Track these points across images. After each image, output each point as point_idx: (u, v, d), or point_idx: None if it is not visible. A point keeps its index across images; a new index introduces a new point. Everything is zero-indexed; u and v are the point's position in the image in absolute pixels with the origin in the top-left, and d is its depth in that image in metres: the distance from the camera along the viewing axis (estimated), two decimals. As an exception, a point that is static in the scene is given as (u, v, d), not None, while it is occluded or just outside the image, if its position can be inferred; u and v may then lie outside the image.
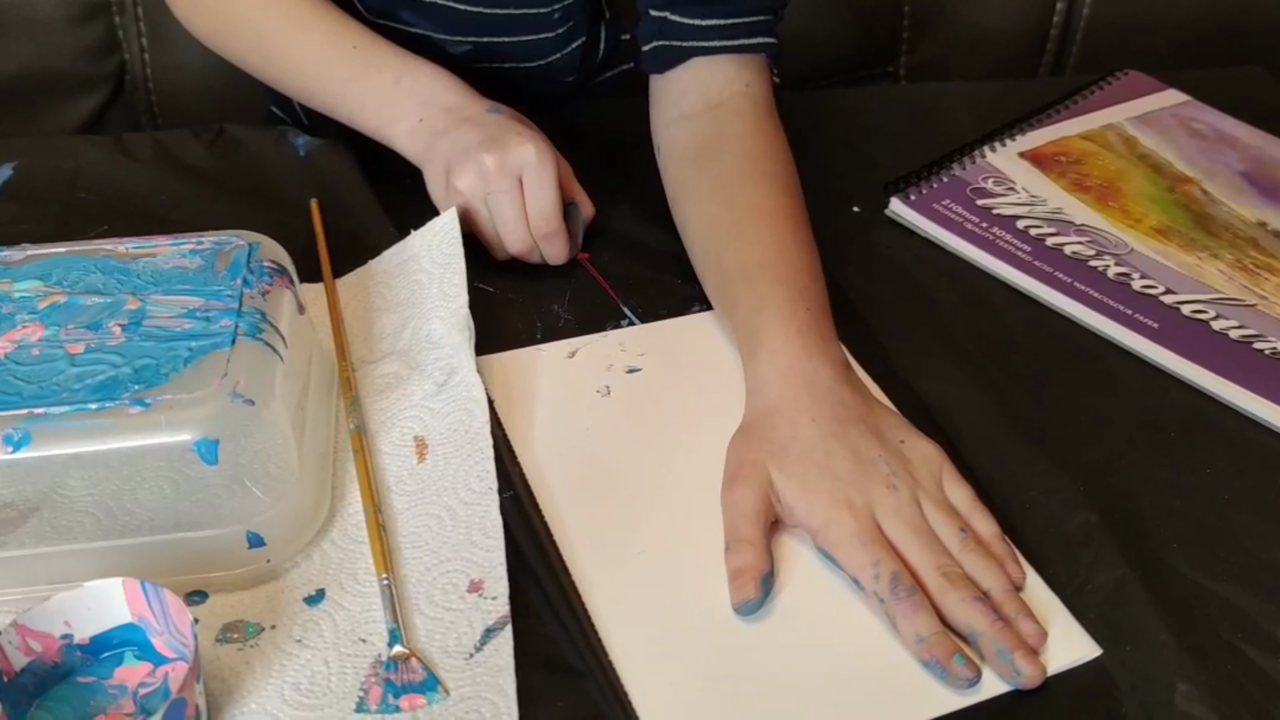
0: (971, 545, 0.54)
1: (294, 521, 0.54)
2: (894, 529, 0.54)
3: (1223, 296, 0.70)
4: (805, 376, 0.59)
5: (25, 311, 0.53)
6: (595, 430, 0.61)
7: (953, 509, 0.56)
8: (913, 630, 0.51)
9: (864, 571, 0.53)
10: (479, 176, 0.68)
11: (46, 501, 0.49)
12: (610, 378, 0.63)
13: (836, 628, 0.52)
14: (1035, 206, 0.76)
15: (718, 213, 0.68)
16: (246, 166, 0.79)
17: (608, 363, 0.64)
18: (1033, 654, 0.50)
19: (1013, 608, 0.52)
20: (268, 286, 0.55)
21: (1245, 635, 0.52)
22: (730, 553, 0.54)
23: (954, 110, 0.88)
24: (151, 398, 0.49)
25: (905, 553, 0.54)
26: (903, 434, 0.58)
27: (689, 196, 0.71)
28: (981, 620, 0.51)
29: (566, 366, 0.64)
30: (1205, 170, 0.80)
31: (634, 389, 0.63)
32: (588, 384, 0.63)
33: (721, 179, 0.69)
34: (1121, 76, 0.90)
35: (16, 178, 0.77)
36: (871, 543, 0.53)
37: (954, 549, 0.54)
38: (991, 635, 0.51)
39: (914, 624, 0.51)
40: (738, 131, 0.71)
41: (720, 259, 0.66)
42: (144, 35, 1.07)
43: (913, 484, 0.56)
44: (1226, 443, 0.62)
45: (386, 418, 0.60)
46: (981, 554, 0.54)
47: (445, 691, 0.49)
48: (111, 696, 0.48)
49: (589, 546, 0.55)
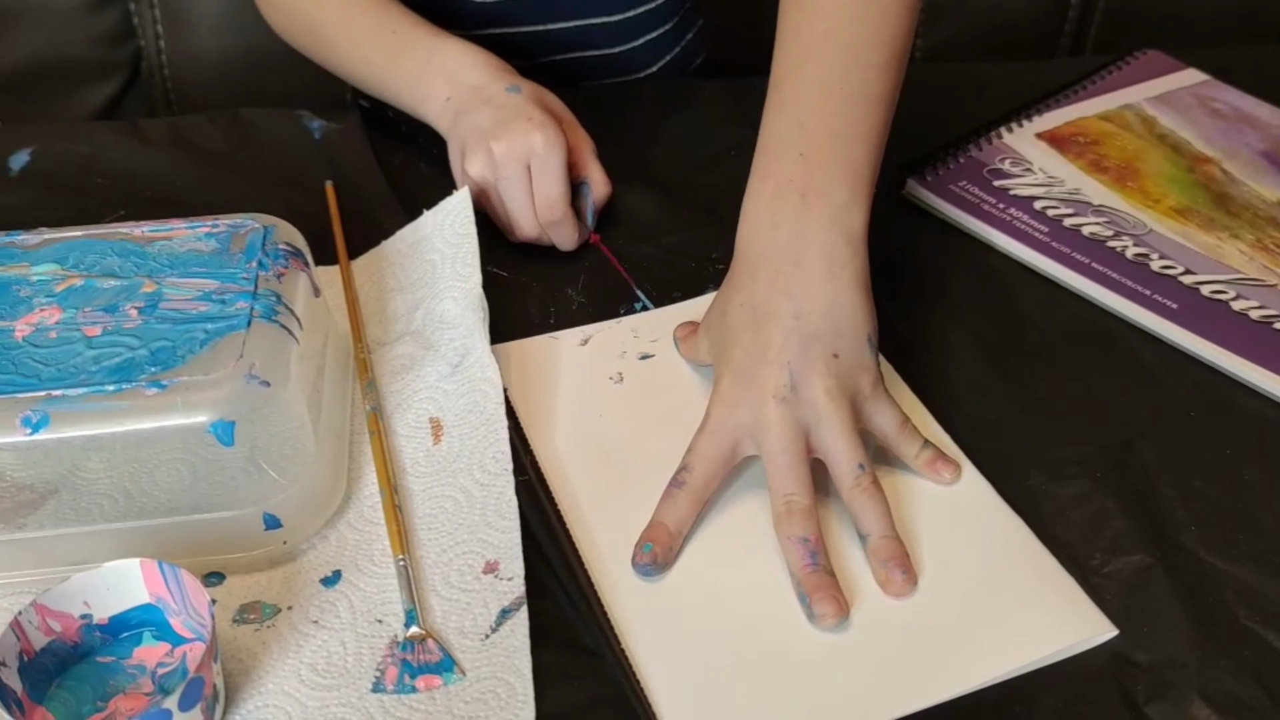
0: (864, 484, 0.54)
1: (310, 503, 0.54)
2: (762, 440, 0.55)
3: (1243, 277, 0.69)
4: (758, 251, 0.57)
5: (43, 295, 0.54)
6: (609, 417, 0.60)
7: (857, 440, 0.55)
8: (657, 509, 0.54)
9: (689, 457, 0.55)
10: (488, 162, 0.68)
11: (65, 483, 0.49)
12: (623, 364, 0.63)
13: (853, 611, 0.52)
14: (1053, 187, 0.76)
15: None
16: (261, 150, 0.79)
17: (620, 349, 0.64)
18: (833, 598, 0.51)
19: (886, 554, 0.53)
20: (283, 269, 0.55)
21: (1264, 619, 0.52)
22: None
23: (971, 91, 0.87)
24: (168, 380, 0.49)
25: (766, 467, 0.54)
26: (845, 344, 0.55)
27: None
28: (794, 561, 0.52)
29: (579, 354, 0.64)
30: (1225, 150, 0.80)
31: (646, 375, 0.63)
32: (600, 371, 0.63)
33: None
34: (1140, 56, 0.90)
35: (34, 163, 0.77)
36: (709, 435, 0.55)
37: (844, 484, 0.54)
38: (799, 579, 0.52)
39: (660, 506, 0.54)
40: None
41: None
42: (159, 22, 1.07)
43: (816, 403, 0.54)
44: (1246, 424, 0.62)
45: (402, 399, 0.60)
46: (869, 495, 0.54)
47: (461, 672, 0.49)
48: (130, 676, 0.49)
49: (603, 529, 0.55)
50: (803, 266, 0.56)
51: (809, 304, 0.56)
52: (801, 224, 0.57)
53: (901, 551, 0.53)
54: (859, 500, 0.54)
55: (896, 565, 0.53)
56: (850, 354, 0.56)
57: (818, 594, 0.51)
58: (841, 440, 0.54)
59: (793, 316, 0.55)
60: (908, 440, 0.57)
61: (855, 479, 0.54)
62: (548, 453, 0.58)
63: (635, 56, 0.91)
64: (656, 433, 0.59)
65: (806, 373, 0.55)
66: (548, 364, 0.63)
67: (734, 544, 0.55)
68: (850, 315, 0.56)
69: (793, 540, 0.53)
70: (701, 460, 0.55)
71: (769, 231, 0.58)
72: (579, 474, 0.57)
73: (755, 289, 0.57)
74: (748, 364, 0.56)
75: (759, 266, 0.57)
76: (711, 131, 0.81)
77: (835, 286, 0.56)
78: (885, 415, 0.57)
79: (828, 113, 0.59)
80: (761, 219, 0.58)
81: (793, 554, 0.53)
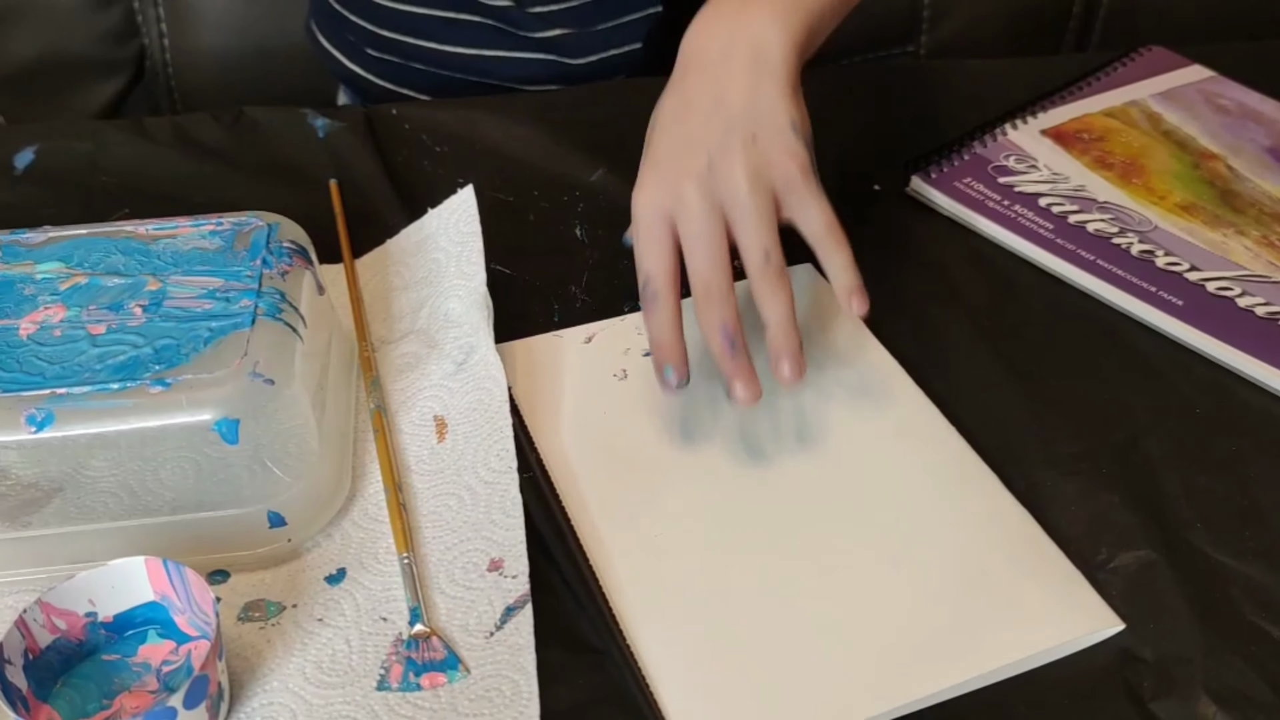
0: (769, 273, 0.54)
1: (315, 501, 0.54)
2: (682, 226, 0.55)
3: (1248, 273, 0.69)
4: (693, 49, 0.59)
5: (47, 293, 0.54)
6: (613, 414, 0.60)
7: (768, 226, 0.55)
8: (647, 330, 0.56)
9: (635, 261, 0.56)
10: None
11: (70, 481, 0.49)
12: (627, 361, 0.63)
13: (858, 603, 0.52)
14: (1057, 184, 0.75)
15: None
16: (265, 148, 0.79)
17: (624, 346, 0.64)
18: (751, 381, 0.54)
19: (778, 345, 0.54)
20: (287, 267, 0.55)
21: (1270, 614, 0.52)
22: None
23: (975, 88, 0.87)
24: (172, 377, 0.49)
25: (685, 252, 0.55)
26: (765, 130, 0.55)
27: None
28: (715, 345, 0.54)
29: (583, 352, 0.64)
30: (1230, 146, 0.79)
31: (650, 371, 0.63)
32: (604, 368, 0.63)
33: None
34: (1145, 52, 0.89)
35: (38, 161, 0.77)
36: (646, 235, 0.56)
37: (750, 269, 0.55)
38: (719, 362, 0.54)
39: (647, 325, 0.56)
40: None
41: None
42: (163, 20, 1.07)
43: (732, 182, 0.54)
44: (1252, 420, 0.61)
45: (406, 397, 0.60)
46: (775, 284, 0.54)
47: (466, 670, 0.49)
48: (135, 674, 0.49)
49: (608, 526, 0.55)
50: (729, 60, 0.57)
51: (730, 93, 0.56)
52: (734, 25, 0.58)
53: (795, 344, 0.55)
54: (762, 288, 0.55)
55: (787, 357, 0.54)
56: (771, 139, 0.55)
57: (736, 379, 0.54)
58: (750, 223, 0.55)
59: (714, 102, 0.56)
60: (833, 246, 0.56)
61: (761, 266, 0.54)
62: (552, 449, 0.58)
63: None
64: (660, 429, 0.59)
65: (723, 154, 0.55)
66: (552, 362, 0.63)
67: (739, 540, 0.54)
68: (772, 104, 0.56)
69: (712, 326, 0.54)
70: (654, 262, 0.56)
71: (702, 34, 0.59)
72: (584, 470, 0.57)
73: (684, 87, 0.58)
74: (670, 152, 0.57)
75: (689, 66, 0.59)
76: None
77: (758, 78, 0.56)
78: (810, 212, 0.56)
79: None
80: (699, 26, 0.59)
81: (713, 340, 0.54)
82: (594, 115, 0.81)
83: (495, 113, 0.81)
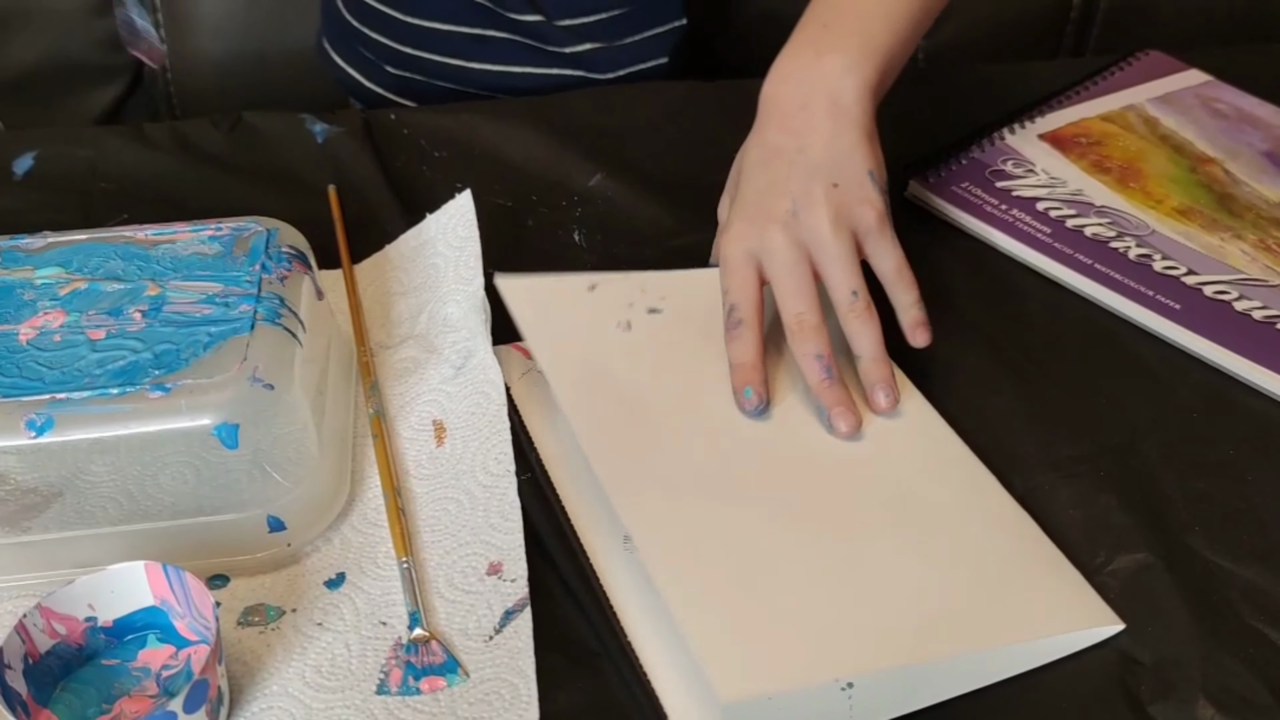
0: (858, 310, 0.58)
1: (314, 506, 0.54)
2: (768, 266, 0.59)
3: (1246, 277, 0.69)
4: (772, 99, 0.62)
5: (47, 298, 0.54)
6: (618, 361, 0.60)
7: (854, 267, 0.58)
8: (730, 354, 0.58)
9: (722, 294, 0.59)
10: None
11: (70, 486, 0.50)
12: (631, 314, 0.63)
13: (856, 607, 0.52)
14: (1055, 188, 0.76)
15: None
16: (265, 154, 0.79)
17: (628, 300, 0.64)
18: (850, 410, 0.57)
19: (873, 376, 0.58)
20: (286, 272, 0.56)
21: (1268, 617, 0.52)
22: None
23: (973, 93, 0.87)
24: (172, 383, 0.49)
25: (774, 290, 0.59)
26: (845, 177, 0.59)
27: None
28: (811, 378, 0.57)
29: (586, 298, 0.64)
30: (1227, 150, 0.80)
31: (654, 329, 0.63)
32: (608, 317, 0.63)
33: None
34: (1142, 57, 0.90)
35: (38, 167, 0.77)
36: (733, 270, 0.59)
37: (839, 308, 0.58)
38: (817, 392, 0.57)
39: (731, 350, 0.58)
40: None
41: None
42: (161, 26, 1.07)
43: (816, 228, 0.58)
44: (1249, 424, 0.62)
45: (405, 402, 0.60)
46: (864, 320, 0.58)
47: (465, 674, 0.49)
48: (135, 679, 0.49)
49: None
50: (808, 109, 0.61)
51: (811, 139, 0.60)
52: (811, 73, 0.61)
53: (888, 373, 0.59)
54: (852, 324, 0.59)
55: (881, 386, 0.58)
56: (850, 186, 0.59)
57: (836, 408, 0.57)
58: (837, 265, 0.58)
59: (796, 151, 0.60)
60: (903, 288, 0.60)
61: (850, 304, 0.58)
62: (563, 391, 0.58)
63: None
64: (663, 385, 0.60)
65: (807, 200, 0.58)
66: (554, 301, 0.63)
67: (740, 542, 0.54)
68: (850, 151, 0.60)
69: (808, 357, 0.57)
70: (740, 293, 0.59)
71: (781, 84, 0.62)
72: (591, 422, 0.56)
73: (766, 134, 0.62)
74: (755, 197, 0.60)
75: (771, 114, 0.62)
76: (717, 134, 0.81)
77: (836, 126, 0.60)
78: (885, 255, 0.60)
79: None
80: (777, 76, 0.63)
81: (809, 370, 0.57)
82: (593, 120, 0.81)
83: (494, 118, 0.81)
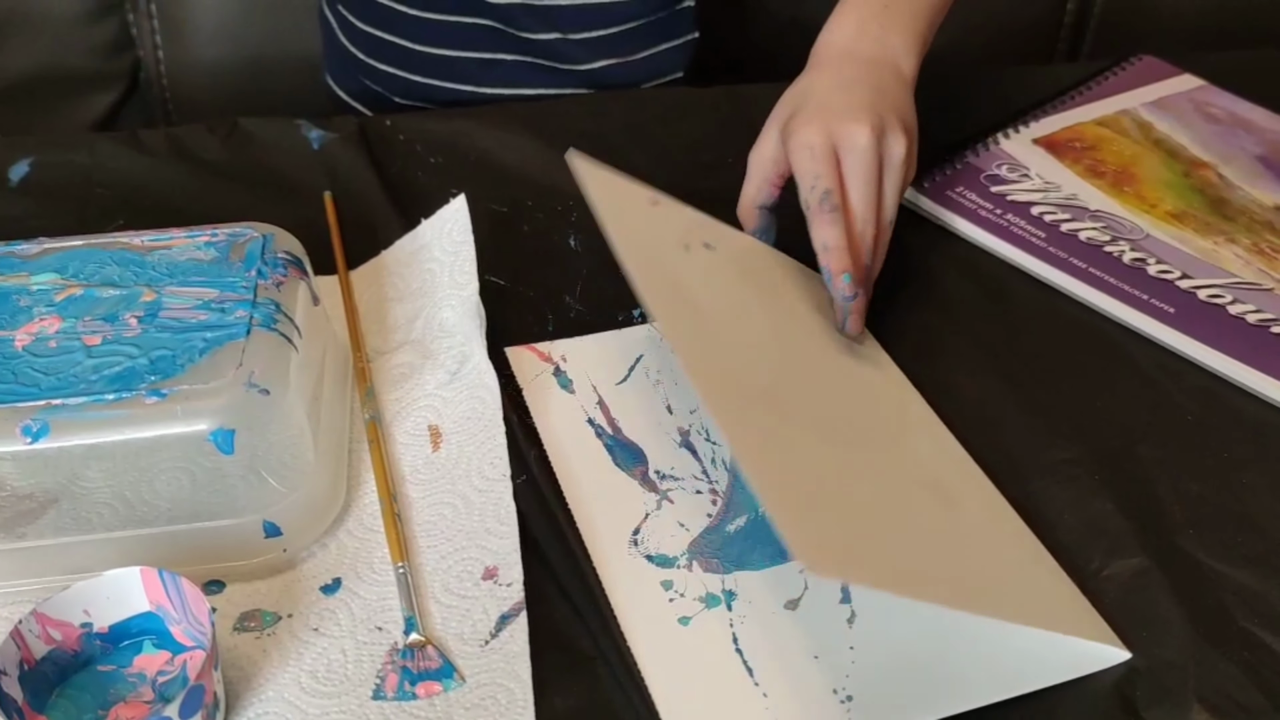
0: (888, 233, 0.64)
1: (310, 511, 0.54)
2: (850, 162, 0.61)
3: (1239, 280, 0.69)
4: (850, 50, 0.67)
5: (42, 304, 0.54)
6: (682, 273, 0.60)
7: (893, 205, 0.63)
8: (821, 238, 0.60)
9: (804, 179, 0.61)
10: None
11: (65, 492, 0.49)
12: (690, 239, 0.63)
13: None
14: (1050, 193, 0.76)
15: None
16: (260, 160, 0.79)
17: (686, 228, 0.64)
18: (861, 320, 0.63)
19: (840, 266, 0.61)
20: (282, 278, 0.56)
21: (1263, 621, 0.52)
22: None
23: (967, 97, 0.88)
24: (168, 388, 0.49)
25: (848, 184, 0.61)
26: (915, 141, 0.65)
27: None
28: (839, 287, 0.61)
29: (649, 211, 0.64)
30: (1221, 154, 0.80)
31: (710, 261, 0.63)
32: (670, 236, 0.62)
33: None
34: (1136, 61, 0.90)
35: (33, 173, 0.77)
36: (823, 159, 0.61)
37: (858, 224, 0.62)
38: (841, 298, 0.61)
39: (823, 233, 0.60)
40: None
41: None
42: (157, 32, 1.07)
43: (897, 153, 0.63)
44: (1244, 427, 0.62)
45: (401, 408, 0.60)
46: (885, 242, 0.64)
47: (461, 678, 0.49)
48: (131, 684, 0.49)
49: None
50: (880, 69, 0.66)
51: (889, 91, 0.65)
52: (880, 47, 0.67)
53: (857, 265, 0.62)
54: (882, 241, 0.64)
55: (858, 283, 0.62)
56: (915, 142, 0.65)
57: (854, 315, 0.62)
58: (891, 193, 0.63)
59: (876, 91, 0.65)
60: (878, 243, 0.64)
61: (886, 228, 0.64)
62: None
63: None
64: (727, 308, 0.60)
65: (895, 124, 0.63)
66: (624, 197, 0.63)
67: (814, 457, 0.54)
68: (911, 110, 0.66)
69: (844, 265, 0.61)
70: (832, 178, 0.61)
71: (856, 41, 0.68)
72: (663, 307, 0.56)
73: (842, 70, 0.66)
74: (840, 105, 0.63)
75: (844, 60, 0.67)
76: (710, 139, 0.82)
77: (907, 93, 0.67)
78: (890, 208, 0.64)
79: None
80: (843, 33, 0.68)
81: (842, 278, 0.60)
82: (587, 125, 0.81)
83: (489, 124, 0.81)
